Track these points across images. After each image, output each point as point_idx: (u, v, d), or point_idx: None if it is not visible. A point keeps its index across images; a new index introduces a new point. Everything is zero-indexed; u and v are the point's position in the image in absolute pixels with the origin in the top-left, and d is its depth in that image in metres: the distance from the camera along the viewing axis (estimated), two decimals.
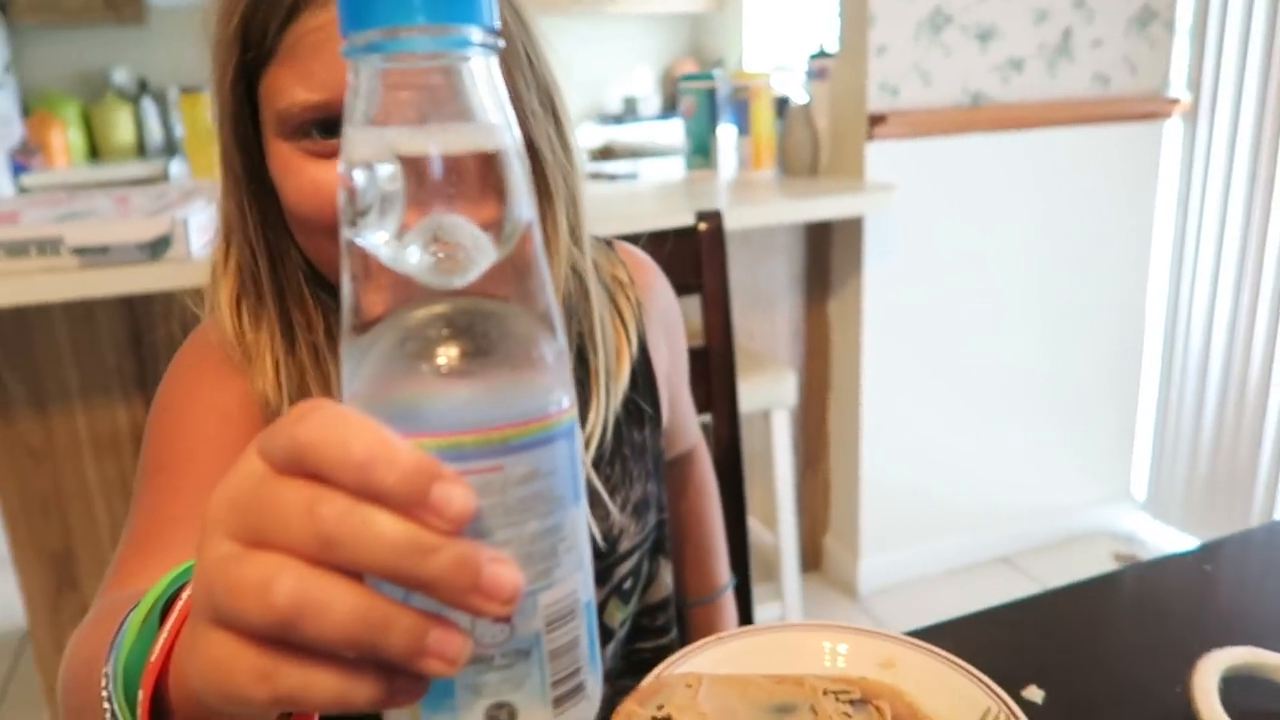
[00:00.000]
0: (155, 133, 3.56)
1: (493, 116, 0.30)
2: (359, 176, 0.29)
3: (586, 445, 0.65)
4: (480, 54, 0.30)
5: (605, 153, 3.89)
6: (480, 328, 0.29)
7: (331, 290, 0.62)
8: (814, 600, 2.17)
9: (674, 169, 2.19)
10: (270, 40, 0.55)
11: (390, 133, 0.29)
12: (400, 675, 0.27)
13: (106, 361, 1.56)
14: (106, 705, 0.40)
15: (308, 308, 0.62)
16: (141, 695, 0.38)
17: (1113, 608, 0.71)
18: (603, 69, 4.29)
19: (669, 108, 4.32)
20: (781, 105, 2.07)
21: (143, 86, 3.57)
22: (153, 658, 0.38)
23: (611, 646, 0.74)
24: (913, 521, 2.22)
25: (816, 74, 2.08)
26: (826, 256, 2.12)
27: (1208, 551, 0.78)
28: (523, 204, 0.31)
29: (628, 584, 0.74)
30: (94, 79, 3.57)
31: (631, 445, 0.72)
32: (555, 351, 0.31)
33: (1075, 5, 2.08)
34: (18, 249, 1.26)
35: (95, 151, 3.53)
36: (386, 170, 0.29)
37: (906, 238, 2.04)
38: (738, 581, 0.99)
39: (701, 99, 2.00)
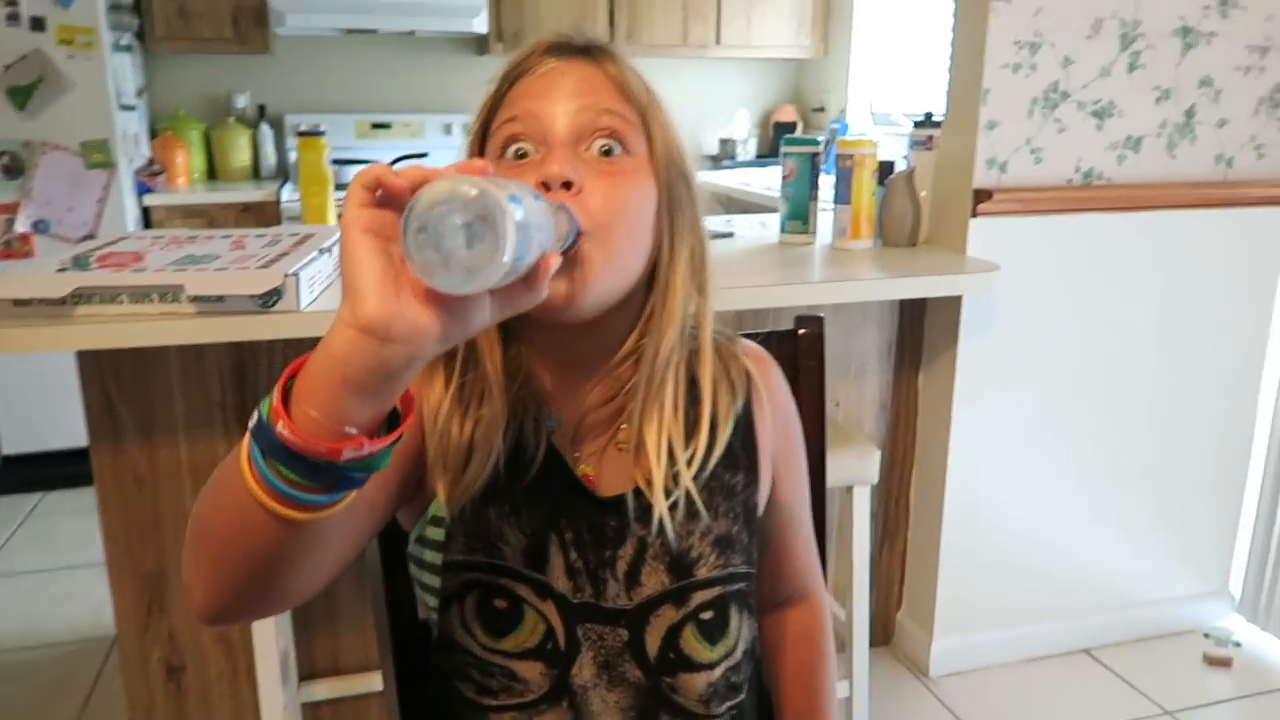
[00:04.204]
0: (270, 157, 3.71)
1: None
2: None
3: (691, 462, 0.76)
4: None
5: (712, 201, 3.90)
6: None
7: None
8: (883, 678, 2.12)
9: (770, 229, 2.18)
10: (499, 97, 0.76)
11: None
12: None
13: (211, 396, 1.63)
14: (252, 421, 0.55)
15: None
16: (277, 386, 0.54)
17: None
18: (702, 110, 4.31)
19: (766, 152, 4.31)
20: (884, 171, 2.04)
21: (261, 112, 3.73)
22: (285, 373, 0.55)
23: (690, 680, 0.79)
24: (992, 604, 2.16)
25: (921, 142, 2.05)
26: (920, 329, 2.08)
27: None
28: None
29: (706, 615, 0.79)
30: (218, 103, 3.75)
31: (723, 484, 0.80)
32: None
33: (1201, 84, 2.01)
34: (141, 295, 1.33)
35: (214, 173, 3.70)
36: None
37: (1006, 315, 1.99)
38: None
39: (803, 163, 1.99)
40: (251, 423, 0.55)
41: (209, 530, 0.60)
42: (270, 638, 1.53)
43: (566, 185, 0.69)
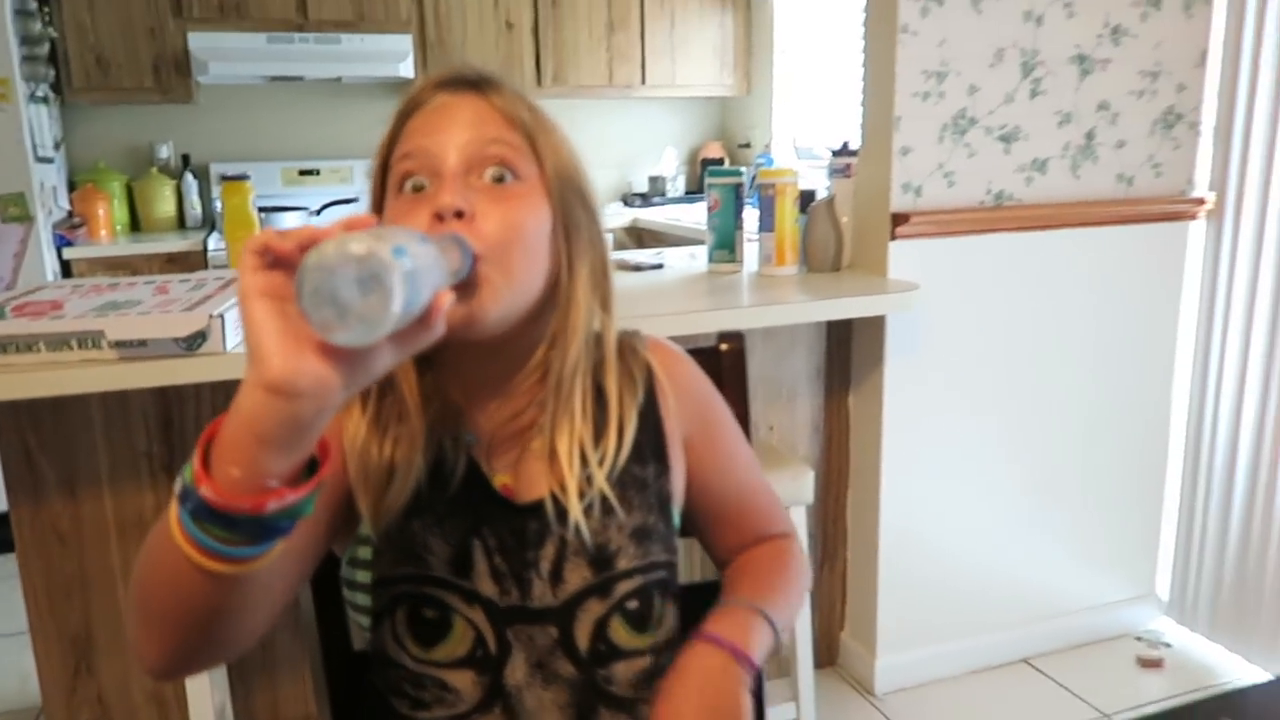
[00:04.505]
0: (195, 206, 3.66)
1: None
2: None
3: (601, 463, 0.81)
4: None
5: (631, 231, 3.96)
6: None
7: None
8: (830, 699, 2.13)
9: (699, 260, 2.22)
10: (395, 134, 0.80)
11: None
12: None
13: (137, 446, 1.59)
14: (177, 487, 0.58)
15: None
16: (197, 450, 0.57)
17: None
18: (631, 149, 4.38)
19: (695, 188, 4.39)
20: (806, 200, 2.10)
21: (185, 162, 3.69)
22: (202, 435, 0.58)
23: (623, 668, 0.83)
24: (932, 620, 2.19)
25: (840, 170, 2.12)
26: (848, 351, 2.13)
27: (1228, 701, 0.77)
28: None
29: (632, 604, 0.82)
30: (139, 154, 3.69)
31: (634, 478, 0.84)
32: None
33: (1099, 107, 2.12)
34: (59, 342, 1.30)
35: (137, 224, 3.63)
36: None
37: (929, 334, 2.05)
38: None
39: (727, 194, 2.03)
40: (177, 487, 0.58)
41: (149, 592, 0.64)
42: (205, 693, 1.49)
43: (459, 214, 0.72)
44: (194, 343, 1.34)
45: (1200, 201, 2.21)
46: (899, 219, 1.97)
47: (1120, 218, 2.17)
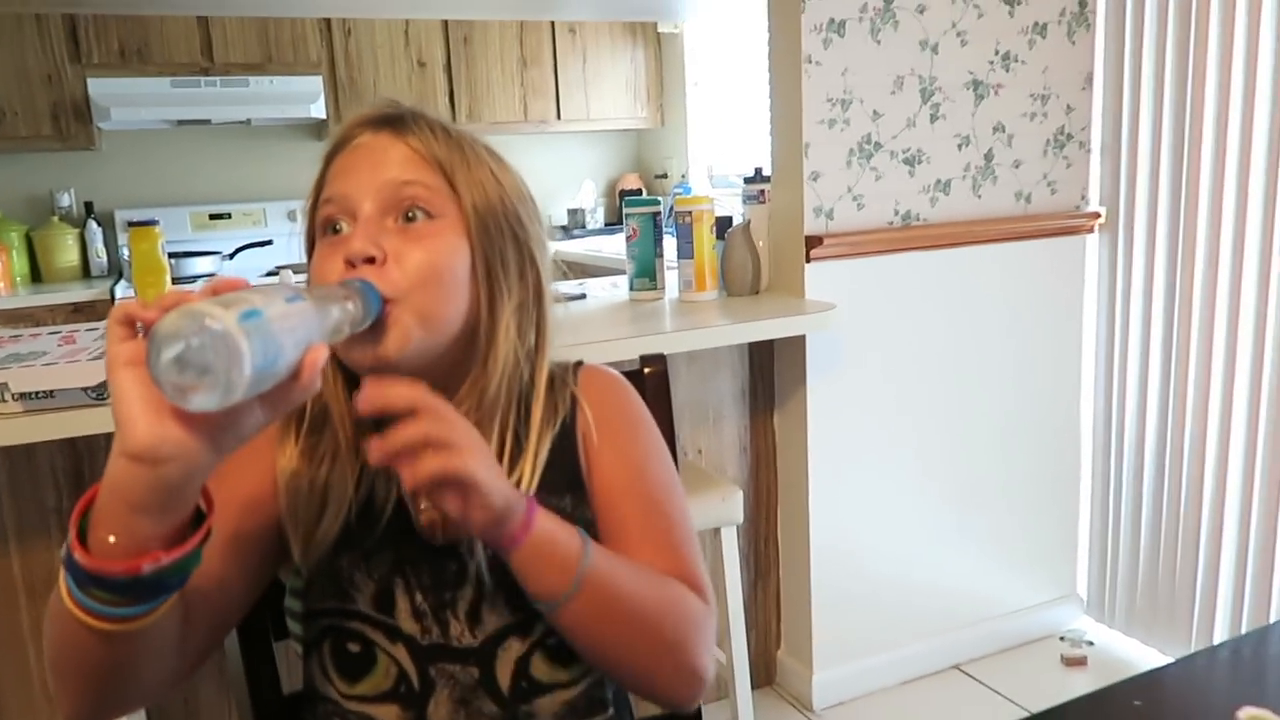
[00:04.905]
0: (100, 255, 3.55)
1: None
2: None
3: (518, 487, 0.76)
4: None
5: (553, 264, 3.96)
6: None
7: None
8: (768, 717, 2.14)
9: (620, 289, 2.25)
10: (322, 176, 0.80)
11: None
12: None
13: (45, 501, 1.53)
14: (62, 551, 0.59)
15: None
16: (73, 515, 0.59)
17: None
18: (549, 183, 4.41)
19: (615, 219, 4.43)
20: (722, 226, 2.14)
21: (89, 209, 3.58)
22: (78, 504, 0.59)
23: (547, 702, 0.81)
24: (865, 632, 2.23)
25: (754, 197, 2.17)
26: (771, 372, 2.17)
27: (1138, 685, 0.80)
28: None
29: (552, 640, 0.80)
30: (39, 203, 3.58)
31: (551, 510, 0.77)
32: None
33: (995, 130, 2.22)
34: None
35: (38, 275, 3.51)
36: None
37: (848, 352, 2.11)
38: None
39: (645, 223, 2.07)
40: (62, 552, 0.60)
41: (54, 649, 0.66)
42: None
43: (370, 259, 0.73)
44: (104, 392, 1.30)
45: (1094, 215, 2.33)
46: (813, 241, 2.03)
47: (1021, 233, 2.27)
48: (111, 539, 0.57)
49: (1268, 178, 1.96)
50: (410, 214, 0.76)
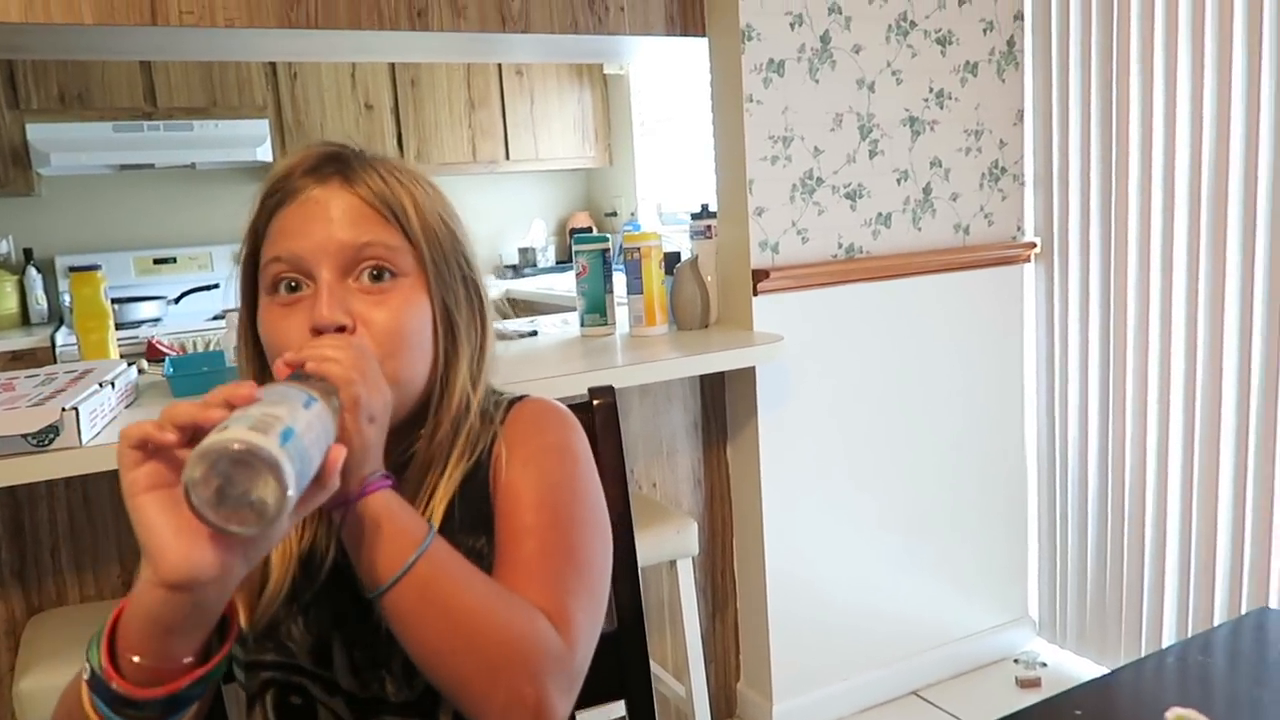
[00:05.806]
0: (40, 301, 3.48)
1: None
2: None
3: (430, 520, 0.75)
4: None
5: (504, 303, 3.97)
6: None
7: None
8: None
9: (571, 325, 2.26)
10: (261, 227, 0.78)
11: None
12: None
13: None
14: (85, 673, 0.60)
15: None
16: (103, 635, 0.59)
17: None
18: (500, 222, 4.43)
19: (565, 258, 4.46)
20: (671, 262, 2.18)
21: (28, 255, 3.51)
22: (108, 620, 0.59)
23: None
24: (823, 661, 2.24)
25: (701, 232, 2.21)
26: (723, 404, 2.20)
27: (1079, 695, 0.83)
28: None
29: None
30: None
31: (471, 551, 0.78)
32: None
33: (933, 164, 2.29)
34: None
35: None
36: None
37: (797, 383, 2.14)
38: None
39: (594, 260, 2.09)
40: (85, 675, 0.60)
41: None
42: None
43: (340, 328, 0.72)
44: (45, 438, 1.28)
45: (1030, 245, 2.40)
46: (759, 275, 2.07)
47: (960, 264, 2.33)
48: (136, 659, 0.58)
49: (1191, 204, 2.04)
50: (375, 273, 0.75)
